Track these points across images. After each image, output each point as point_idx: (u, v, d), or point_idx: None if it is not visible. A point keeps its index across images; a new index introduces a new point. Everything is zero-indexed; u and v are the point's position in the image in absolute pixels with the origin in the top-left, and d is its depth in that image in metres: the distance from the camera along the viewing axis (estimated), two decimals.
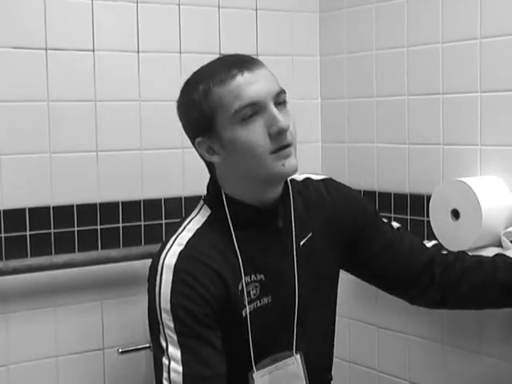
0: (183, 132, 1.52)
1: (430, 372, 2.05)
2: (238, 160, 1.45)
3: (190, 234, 1.48)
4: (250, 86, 1.42)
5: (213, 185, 1.54)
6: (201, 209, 1.54)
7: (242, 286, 1.48)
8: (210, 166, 1.53)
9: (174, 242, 1.47)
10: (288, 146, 1.44)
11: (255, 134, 1.42)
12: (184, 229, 1.50)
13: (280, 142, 1.43)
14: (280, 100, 1.46)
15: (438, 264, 1.63)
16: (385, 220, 1.70)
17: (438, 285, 1.62)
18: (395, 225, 1.70)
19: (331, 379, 1.70)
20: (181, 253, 1.45)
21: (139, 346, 2.00)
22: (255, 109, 1.42)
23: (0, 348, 1.90)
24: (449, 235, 1.82)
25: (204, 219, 1.51)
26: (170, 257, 1.45)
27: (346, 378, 2.28)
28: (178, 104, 1.52)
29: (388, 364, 2.17)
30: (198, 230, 1.49)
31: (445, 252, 1.67)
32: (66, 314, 1.97)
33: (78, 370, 2.00)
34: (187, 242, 1.46)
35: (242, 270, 1.48)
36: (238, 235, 1.49)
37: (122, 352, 2.00)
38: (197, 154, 1.52)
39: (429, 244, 1.69)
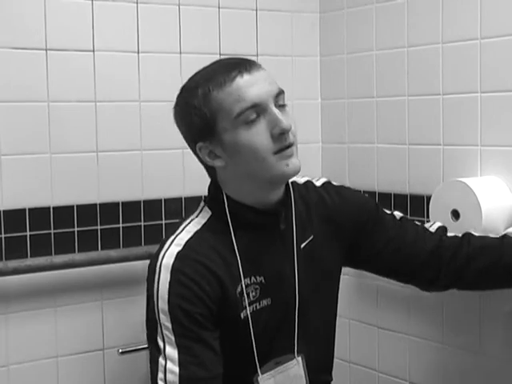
0: None
1: (429, 372, 2.05)
2: (240, 162, 1.45)
3: (189, 235, 1.48)
4: (250, 87, 1.42)
5: (214, 187, 1.54)
6: (201, 210, 1.54)
7: (241, 287, 1.48)
8: (211, 170, 1.53)
9: (172, 242, 1.48)
10: (290, 145, 1.44)
11: (258, 135, 1.42)
12: (183, 230, 1.50)
13: (282, 142, 1.43)
14: (280, 100, 1.46)
15: (445, 249, 1.63)
16: (387, 211, 1.70)
17: (445, 272, 1.63)
18: (398, 214, 1.70)
19: (331, 380, 1.71)
20: (178, 253, 1.45)
21: (139, 347, 2.00)
22: (257, 111, 1.42)
23: (0, 348, 1.90)
24: None
25: (204, 221, 1.51)
26: (168, 257, 1.45)
27: (346, 379, 2.28)
28: (176, 111, 1.51)
29: (388, 364, 2.17)
30: (197, 231, 1.49)
31: (451, 234, 1.67)
32: (66, 315, 1.97)
33: (78, 370, 2.00)
34: (185, 243, 1.47)
35: (241, 272, 1.48)
36: (239, 237, 1.49)
37: (122, 352, 2.00)
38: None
39: (433, 227, 1.69)
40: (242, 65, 1.45)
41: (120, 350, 2.00)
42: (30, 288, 1.92)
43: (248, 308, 1.49)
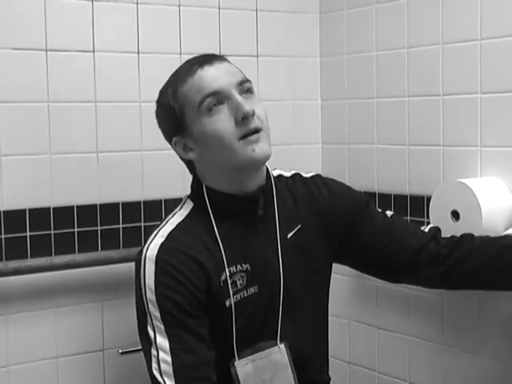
0: None
1: (430, 372, 2.05)
2: (210, 152, 1.49)
3: (172, 227, 1.52)
4: (210, 77, 1.47)
5: (195, 181, 1.58)
6: (184, 203, 1.58)
7: (226, 276, 1.49)
8: (190, 165, 1.57)
9: (156, 235, 1.51)
10: (257, 131, 1.47)
11: (221, 122, 1.46)
12: (167, 222, 1.54)
13: (247, 126, 1.46)
14: (245, 88, 1.50)
15: (441, 247, 1.63)
16: (379, 209, 1.71)
17: (440, 269, 1.63)
18: (389, 213, 1.72)
19: (329, 379, 1.71)
20: (162, 244, 1.48)
21: (139, 347, 1.99)
22: (219, 98, 1.46)
23: (0, 349, 1.90)
24: None
25: (187, 212, 1.55)
26: (152, 249, 1.48)
27: (345, 379, 2.28)
28: (156, 113, 1.58)
29: (388, 365, 2.17)
30: (180, 222, 1.53)
31: (446, 235, 1.67)
32: (66, 315, 1.97)
33: (78, 371, 2.00)
34: (168, 234, 1.50)
35: (225, 261, 1.50)
36: (221, 226, 1.52)
37: (122, 353, 2.00)
38: None
39: (426, 228, 1.70)
40: (205, 58, 1.51)
41: (120, 351, 2.00)
42: (30, 288, 1.92)
43: (235, 296, 1.51)
